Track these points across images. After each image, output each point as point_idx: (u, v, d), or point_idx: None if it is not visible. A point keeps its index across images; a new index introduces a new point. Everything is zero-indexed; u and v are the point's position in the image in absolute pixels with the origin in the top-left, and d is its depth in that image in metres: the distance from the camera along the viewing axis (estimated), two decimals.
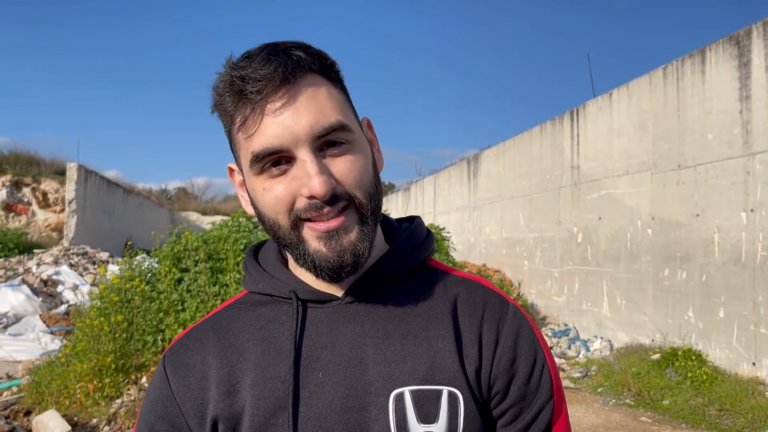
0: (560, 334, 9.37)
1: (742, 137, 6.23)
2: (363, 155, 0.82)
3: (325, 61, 0.81)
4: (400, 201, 22.32)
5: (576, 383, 7.27)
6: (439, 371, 0.81)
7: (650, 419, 5.86)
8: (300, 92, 0.77)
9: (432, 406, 0.80)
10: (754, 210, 6.06)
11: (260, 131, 0.77)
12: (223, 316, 0.91)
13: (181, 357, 0.88)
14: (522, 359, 0.84)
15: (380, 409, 0.80)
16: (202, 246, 6.21)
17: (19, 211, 19.24)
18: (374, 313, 0.85)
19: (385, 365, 0.82)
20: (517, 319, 0.86)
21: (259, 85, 0.75)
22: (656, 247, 7.57)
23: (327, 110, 0.78)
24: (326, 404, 0.81)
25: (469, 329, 0.84)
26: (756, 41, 6.11)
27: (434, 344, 0.83)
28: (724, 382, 6.10)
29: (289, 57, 0.77)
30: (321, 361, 0.83)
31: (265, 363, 0.83)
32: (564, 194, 9.85)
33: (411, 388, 0.80)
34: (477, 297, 0.87)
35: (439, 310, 0.86)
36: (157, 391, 0.87)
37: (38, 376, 5.78)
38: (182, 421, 0.84)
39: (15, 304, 9.28)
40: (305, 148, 0.77)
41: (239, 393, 0.83)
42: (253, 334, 0.87)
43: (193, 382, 0.85)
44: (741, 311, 6.20)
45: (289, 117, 0.76)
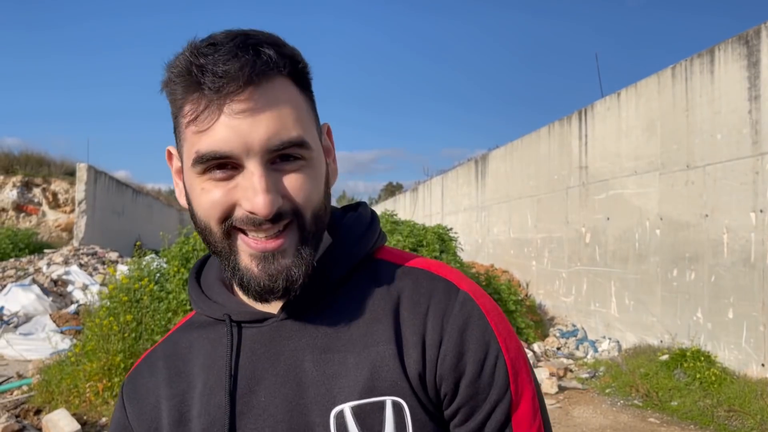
0: (568, 334, 9.34)
1: (751, 137, 6.19)
2: (317, 172, 0.77)
3: (297, 64, 0.75)
4: (408, 201, 22.32)
5: (584, 384, 7.25)
6: (380, 380, 0.75)
7: (658, 420, 5.84)
8: (264, 97, 0.70)
9: (375, 419, 0.74)
10: (763, 210, 6.03)
11: (211, 132, 0.70)
12: (174, 339, 0.88)
13: (135, 385, 0.86)
14: (470, 355, 0.76)
15: (324, 428, 0.75)
16: None
17: (29, 211, 19.40)
18: (312, 326, 0.79)
19: (324, 382, 0.77)
20: (465, 310, 0.78)
21: (220, 81, 0.68)
22: (665, 248, 7.53)
23: (289, 123, 0.72)
24: (270, 427, 0.77)
25: (411, 329, 0.77)
26: (765, 40, 6.08)
27: (374, 351, 0.76)
28: (732, 384, 6.07)
29: (258, 56, 0.70)
30: (262, 384, 0.78)
31: (208, 390, 0.80)
32: (572, 194, 9.82)
33: (351, 404, 0.75)
34: (422, 290, 0.80)
35: (381, 312, 0.79)
36: (116, 420, 0.86)
37: (48, 376, 5.84)
38: None
39: (25, 304, 9.36)
40: (256, 160, 0.71)
41: (189, 422, 0.80)
42: (198, 360, 0.83)
43: (146, 411, 0.83)
44: (750, 312, 6.17)
45: (246, 124, 0.69)
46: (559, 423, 5.79)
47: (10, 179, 19.42)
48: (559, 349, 8.88)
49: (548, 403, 6.44)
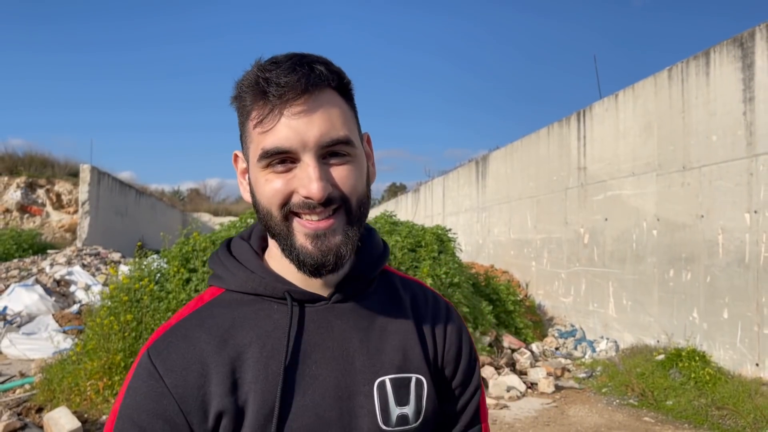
0: (567, 335, 9.39)
1: (746, 138, 6.24)
2: (360, 167, 0.90)
3: (342, 79, 0.89)
4: (409, 202, 22.37)
5: (581, 383, 7.30)
6: (409, 361, 0.95)
7: (653, 419, 5.89)
8: (316, 103, 0.84)
9: (405, 391, 0.93)
10: (757, 211, 6.07)
11: (274, 131, 0.83)
12: (208, 314, 0.93)
13: (173, 354, 0.88)
14: (464, 351, 1.02)
15: (366, 395, 0.90)
16: (210, 247, 6.31)
17: (33, 212, 19.51)
18: (356, 311, 0.95)
19: (368, 357, 0.92)
20: (457, 318, 1.05)
21: (281, 90, 0.82)
22: (661, 249, 7.58)
23: (337, 124, 0.86)
24: (321, 393, 0.89)
25: (426, 325, 1.00)
26: (759, 43, 6.12)
27: (404, 337, 0.96)
28: (727, 383, 6.12)
29: (312, 70, 0.84)
30: (313, 356, 0.90)
31: (264, 359, 0.88)
32: (571, 195, 9.87)
33: (390, 376, 0.92)
34: (427, 296, 1.05)
35: (404, 308, 0.99)
36: (147, 388, 0.86)
37: (50, 374, 5.91)
38: (182, 418, 0.85)
39: (28, 304, 9.44)
40: (311, 153, 0.84)
41: (241, 388, 0.87)
42: (250, 331, 0.91)
43: (191, 377, 0.86)
44: (745, 312, 6.21)
45: (303, 124, 0.83)
46: (555, 422, 5.84)
47: (14, 180, 19.54)
48: (557, 349, 8.93)
49: (545, 402, 6.50)
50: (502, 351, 7.89)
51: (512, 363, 7.62)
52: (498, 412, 6.13)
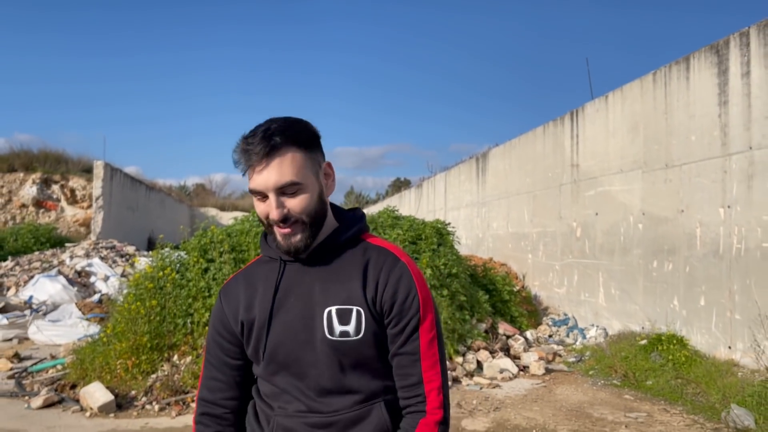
0: (560, 323, 9.92)
1: (721, 139, 6.74)
2: (308, 193, 1.41)
3: (297, 138, 1.40)
4: (413, 197, 22.88)
5: (570, 367, 7.84)
6: (351, 298, 1.43)
7: (633, 397, 6.42)
8: (272, 164, 1.36)
9: (347, 316, 1.42)
10: (730, 206, 6.58)
11: (253, 180, 1.38)
12: (249, 269, 1.59)
13: (227, 290, 1.57)
14: (400, 292, 1.44)
15: (319, 318, 1.43)
16: (226, 239, 6.87)
17: (48, 207, 20.13)
18: (321, 267, 1.48)
19: (323, 295, 1.44)
20: (400, 270, 1.46)
21: (254, 157, 1.36)
22: (646, 241, 8.10)
23: (286, 173, 1.37)
24: (293, 314, 1.45)
25: (371, 276, 1.46)
26: (733, 50, 6.62)
27: (350, 284, 1.45)
28: (702, 364, 6.64)
29: (270, 142, 1.36)
30: (291, 293, 1.47)
31: (265, 293, 1.49)
32: (565, 191, 10.38)
33: (336, 307, 1.43)
34: (381, 257, 1.49)
35: (357, 266, 1.47)
36: (216, 311, 1.57)
37: (81, 355, 6.48)
38: (228, 323, 1.52)
39: (53, 293, 10.03)
40: (272, 193, 1.38)
41: (253, 308, 1.49)
42: (261, 279, 1.52)
43: (232, 302, 1.53)
44: (719, 299, 6.73)
45: (266, 177, 1.37)
46: (542, 399, 6.38)
47: (29, 176, 20.17)
48: (550, 337, 9.46)
49: (535, 383, 7.04)
50: (497, 337, 8.42)
51: (507, 348, 8.16)
52: (491, 390, 6.67)
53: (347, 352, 1.41)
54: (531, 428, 5.40)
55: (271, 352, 1.45)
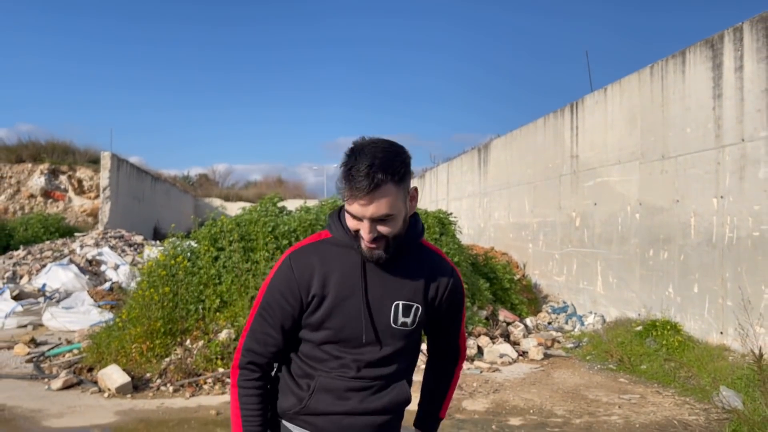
0: (559, 310, 10.17)
1: (714, 131, 6.95)
2: (397, 220, 1.61)
3: (395, 175, 1.56)
4: None
5: (568, 352, 8.09)
6: (415, 297, 1.73)
7: (627, 380, 6.67)
8: (373, 198, 1.53)
9: (409, 310, 1.72)
10: (723, 196, 6.80)
11: (352, 206, 1.56)
12: (319, 245, 1.75)
13: (299, 258, 1.71)
14: (457, 294, 1.84)
15: (388, 307, 1.70)
16: (235, 228, 7.11)
17: (56, 197, 20.42)
18: (394, 264, 1.70)
19: (393, 289, 1.71)
20: (455, 276, 1.83)
21: (358, 190, 1.52)
22: (643, 231, 8.32)
23: (383, 207, 1.55)
24: (372, 299, 1.68)
25: (434, 280, 1.77)
26: (727, 45, 6.81)
27: (415, 284, 1.74)
28: (694, 349, 6.89)
29: (374, 178, 1.52)
30: (372, 280, 1.69)
31: (344, 275, 1.68)
32: (564, 182, 10.60)
33: (402, 302, 1.71)
34: (441, 264, 1.81)
35: (421, 269, 1.76)
36: (284, 275, 1.70)
37: (97, 340, 6.75)
38: (297, 292, 1.67)
39: (65, 281, 10.30)
40: (368, 220, 1.57)
41: (328, 285, 1.67)
42: (336, 260, 1.70)
43: (305, 272, 1.68)
44: (711, 287, 6.97)
45: (366, 208, 1.54)
46: (540, 382, 6.63)
47: (37, 167, 20.44)
48: (550, 324, 9.71)
49: (533, 367, 7.29)
50: (497, 324, 8.67)
51: (507, 334, 8.41)
52: (491, 374, 6.93)
53: (401, 338, 1.73)
54: (528, 409, 5.65)
55: (338, 328, 1.68)
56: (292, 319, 1.72)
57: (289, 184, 53.06)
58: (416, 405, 2.02)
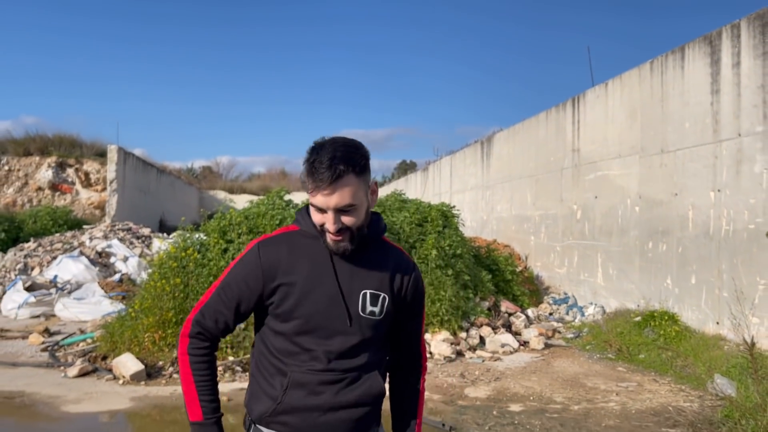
0: (560, 301, 10.35)
1: (712, 126, 7.10)
2: (359, 211, 1.66)
3: (356, 167, 1.63)
4: (419, 180, 23.24)
5: (568, 342, 8.28)
6: (382, 286, 1.79)
7: (625, 369, 6.86)
8: (337, 189, 1.59)
9: (376, 299, 1.77)
10: (720, 190, 6.96)
11: (316, 198, 1.61)
12: (289, 236, 1.80)
13: (267, 247, 1.76)
14: (419, 287, 1.91)
15: (356, 296, 1.75)
16: (244, 221, 7.30)
17: (64, 190, 20.64)
18: (361, 255, 1.76)
19: (360, 279, 1.76)
20: (417, 271, 1.91)
21: (321, 183, 1.59)
22: (642, 223, 8.48)
23: (346, 197, 1.62)
24: (335, 290, 1.72)
25: (399, 272, 1.85)
26: (725, 42, 6.95)
27: (382, 275, 1.80)
28: (691, 338, 7.07)
29: (337, 169, 1.58)
30: (339, 271, 1.74)
31: (313, 266, 1.72)
32: (566, 175, 10.75)
33: (370, 291, 1.77)
34: (403, 258, 1.90)
35: (386, 261, 1.84)
36: (250, 261, 1.74)
37: (111, 329, 6.96)
38: (261, 280, 1.71)
39: (76, 273, 10.52)
40: (331, 212, 1.63)
41: (294, 274, 1.71)
42: (304, 249, 1.75)
43: (272, 260, 1.72)
44: (708, 278, 7.13)
45: (330, 199, 1.60)
46: (540, 371, 6.82)
47: (45, 160, 20.66)
48: (551, 314, 9.89)
49: (534, 356, 7.48)
50: (499, 314, 8.86)
51: (508, 325, 8.59)
52: (492, 363, 7.12)
53: (370, 328, 1.76)
54: (529, 396, 5.84)
55: (308, 316, 1.72)
56: (247, 303, 1.76)
57: (292, 177, 53.15)
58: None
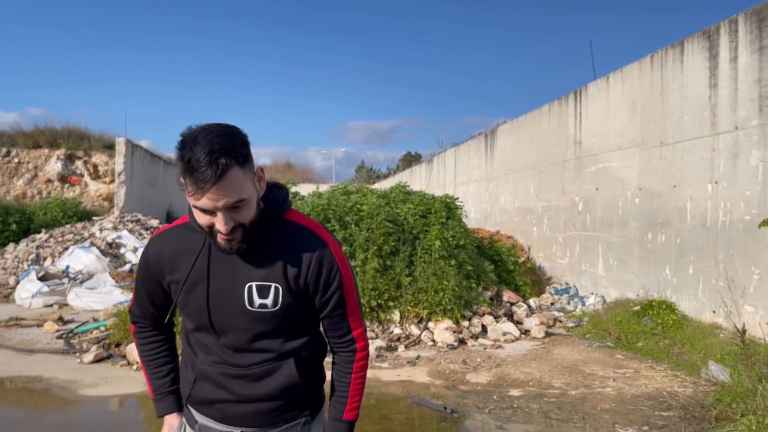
0: (562, 291, 10.53)
1: (710, 119, 7.24)
2: (250, 204, 1.52)
3: (239, 157, 1.46)
4: (423, 172, 23.40)
5: (569, 331, 8.46)
6: (270, 276, 1.61)
7: (623, 356, 7.04)
8: (222, 186, 1.42)
9: (266, 291, 1.61)
10: (717, 182, 7.11)
11: (200, 200, 1.44)
12: (176, 230, 1.72)
13: (156, 243, 1.72)
14: (324, 269, 1.66)
15: (241, 291, 1.62)
16: None
17: (73, 182, 20.91)
18: (248, 248, 1.59)
19: (245, 272, 1.61)
20: (322, 250, 1.66)
21: (203, 184, 1.41)
22: (642, 215, 8.64)
23: (233, 193, 1.46)
24: (217, 286, 1.62)
25: (293, 256, 1.64)
26: (723, 36, 7.07)
27: (270, 264, 1.62)
28: (688, 327, 7.24)
29: (217, 165, 1.41)
30: (217, 265, 1.62)
31: (196, 261, 1.63)
32: (568, 167, 10.90)
33: (255, 283, 1.61)
34: (303, 239, 1.67)
35: (278, 248, 1.64)
36: (143, 259, 1.73)
37: (124, 317, 7.18)
38: (154, 275, 1.69)
39: (87, 263, 10.76)
40: (221, 211, 1.47)
41: (179, 271, 1.65)
42: (188, 245, 1.65)
43: (158, 255, 1.69)
44: (705, 268, 7.30)
45: (216, 198, 1.44)
46: (540, 358, 7.01)
47: (54, 152, 20.93)
48: (552, 304, 10.07)
49: (535, 344, 7.67)
50: (501, 304, 9.05)
51: (510, 314, 8.78)
52: (493, 350, 7.32)
53: (264, 320, 1.63)
54: (528, 381, 6.04)
55: (195, 313, 1.65)
56: (159, 296, 1.76)
57: (298, 168, 53.46)
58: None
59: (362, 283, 7.58)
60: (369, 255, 7.78)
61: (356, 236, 7.88)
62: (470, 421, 4.92)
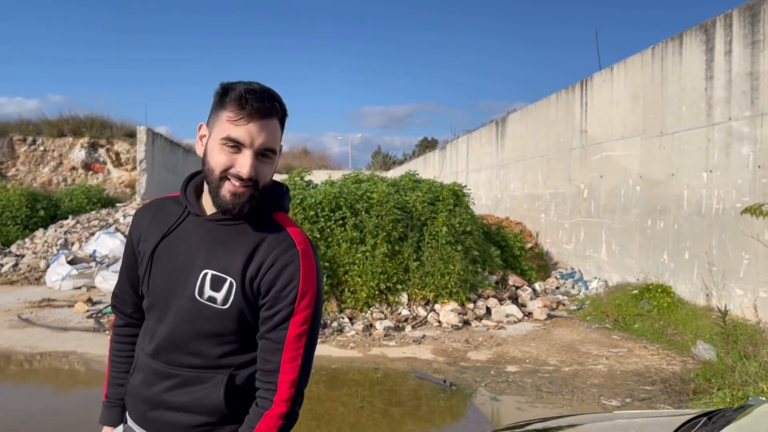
0: (567, 276, 10.88)
1: (706, 111, 7.52)
2: (273, 167, 1.43)
3: (283, 114, 1.43)
4: (437, 159, 23.71)
5: (570, 313, 8.84)
6: (229, 269, 1.42)
7: (620, 337, 7.41)
8: (266, 125, 1.37)
9: (220, 284, 1.42)
10: (712, 171, 7.40)
11: (239, 129, 1.35)
12: (162, 200, 1.61)
13: (139, 213, 1.61)
14: (281, 279, 1.40)
15: (195, 275, 1.44)
16: None
17: (96, 169, 21.60)
18: (217, 231, 1.47)
19: (206, 257, 1.44)
20: (289, 258, 1.41)
21: (253, 109, 1.34)
22: (642, 202, 8.95)
23: (271, 140, 1.38)
24: (175, 264, 1.47)
25: (259, 255, 1.43)
26: (719, 30, 7.33)
27: (234, 256, 1.43)
28: (682, 309, 7.58)
29: (272, 105, 1.37)
30: (181, 242, 1.48)
31: (167, 232, 1.51)
32: (574, 155, 11.20)
33: (212, 272, 1.43)
34: (277, 240, 1.44)
35: (249, 241, 1.44)
36: (129, 232, 1.62)
37: None
38: (131, 243, 1.59)
39: (112, 248, 11.31)
40: (251, 150, 1.36)
41: (149, 240, 1.52)
42: (166, 215, 1.54)
43: (138, 228, 1.58)
44: (700, 253, 7.62)
45: (256, 133, 1.35)
46: (540, 338, 7.41)
47: (78, 141, 21.61)
48: (557, 288, 10.43)
49: (536, 326, 8.06)
50: (507, 288, 9.44)
51: (515, 297, 9.17)
52: (496, 331, 7.72)
53: (208, 318, 1.43)
54: (525, 359, 6.44)
55: (151, 288, 1.51)
56: (132, 270, 1.62)
57: (314, 155, 53.88)
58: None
59: (372, 267, 8.01)
60: (378, 240, 8.19)
61: (366, 222, 8.30)
62: (467, 393, 5.35)
